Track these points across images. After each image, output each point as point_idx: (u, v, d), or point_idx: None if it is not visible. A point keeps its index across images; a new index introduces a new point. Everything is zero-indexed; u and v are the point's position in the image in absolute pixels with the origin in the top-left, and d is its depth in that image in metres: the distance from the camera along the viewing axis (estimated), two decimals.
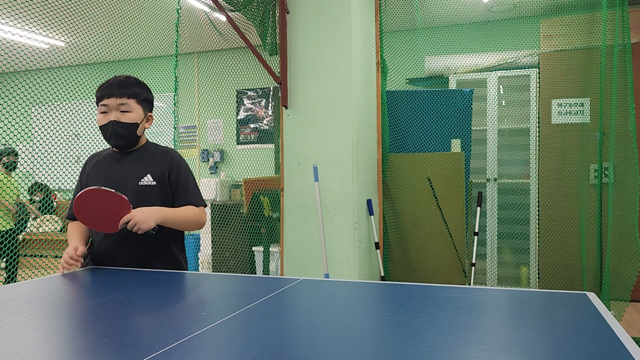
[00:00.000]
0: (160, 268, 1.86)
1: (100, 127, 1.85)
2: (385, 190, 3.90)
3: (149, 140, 2.00)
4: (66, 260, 1.77)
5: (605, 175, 4.04)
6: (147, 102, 1.92)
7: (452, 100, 4.21)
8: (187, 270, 1.97)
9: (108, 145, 1.96)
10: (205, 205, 1.95)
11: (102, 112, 1.84)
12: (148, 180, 1.86)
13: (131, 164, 1.89)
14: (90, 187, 1.75)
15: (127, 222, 1.73)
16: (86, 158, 2.01)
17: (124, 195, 1.73)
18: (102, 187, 1.74)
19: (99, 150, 2.03)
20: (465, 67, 4.94)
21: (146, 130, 1.96)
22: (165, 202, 1.87)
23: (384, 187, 3.89)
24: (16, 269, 4.21)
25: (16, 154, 4.83)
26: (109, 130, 1.83)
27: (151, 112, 1.95)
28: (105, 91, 1.83)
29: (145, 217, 1.74)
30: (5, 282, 4.42)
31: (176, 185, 1.90)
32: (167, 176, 1.89)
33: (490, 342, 1.02)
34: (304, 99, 3.46)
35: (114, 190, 1.73)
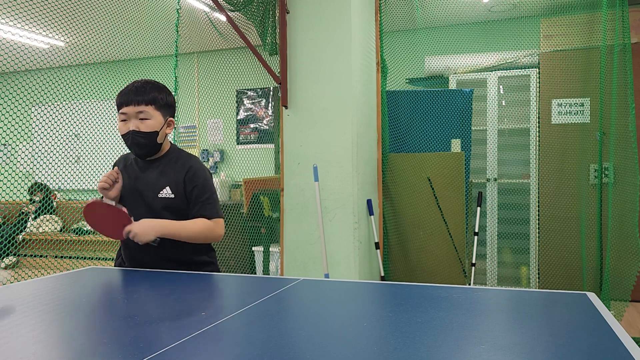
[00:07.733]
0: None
1: (121, 136, 1.81)
2: (385, 190, 3.90)
3: (174, 144, 1.97)
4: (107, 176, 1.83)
5: (605, 175, 4.04)
6: (167, 107, 1.86)
7: (452, 100, 4.21)
8: (218, 270, 1.97)
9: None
10: (221, 217, 1.88)
11: (122, 120, 1.80)
12: (167, 192, 1.83)
13: (153, 174, 1.86)
14: (91, 201, 1.79)
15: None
16: (116, 158, 2.00)
17: (123, 208, 1.76)
18: (103, 201, 1.79)
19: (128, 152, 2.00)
20: (465, 67, 4.94)
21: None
22: (184, 214, 1.85)
23: (384, 187, 3.89)
24: None
25: None
26: (129, 140, 1.79)
27: (173, 116, 1.89)
28: (124, 98, 1.78)
29: (143, 231, 1.74)
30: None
31: (191, 196, 1.84)
32: (183, 187, 1.84)
33: (490, 342, 1.02)
34: (304, 99, 3.46)
35: (113, 204, 1.77)
